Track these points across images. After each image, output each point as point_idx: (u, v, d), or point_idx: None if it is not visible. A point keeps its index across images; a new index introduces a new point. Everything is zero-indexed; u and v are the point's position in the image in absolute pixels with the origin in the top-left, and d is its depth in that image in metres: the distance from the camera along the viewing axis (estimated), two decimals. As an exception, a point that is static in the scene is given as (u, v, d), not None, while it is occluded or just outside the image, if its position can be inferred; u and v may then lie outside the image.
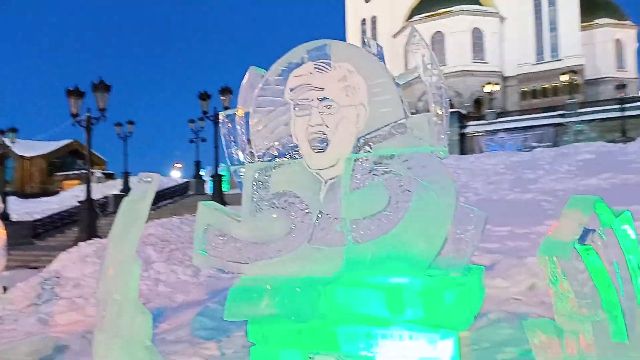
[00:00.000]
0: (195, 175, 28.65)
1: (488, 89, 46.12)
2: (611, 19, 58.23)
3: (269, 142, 3.16)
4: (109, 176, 38.22)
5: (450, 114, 3.01)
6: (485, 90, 46.37)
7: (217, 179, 17.20)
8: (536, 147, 20.81)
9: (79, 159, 43.81)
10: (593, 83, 53.91)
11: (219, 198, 16.04)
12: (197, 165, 29.02)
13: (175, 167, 48.55)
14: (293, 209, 3.04)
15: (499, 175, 14.67)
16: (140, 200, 3.37)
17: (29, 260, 14.90)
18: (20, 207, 26.06)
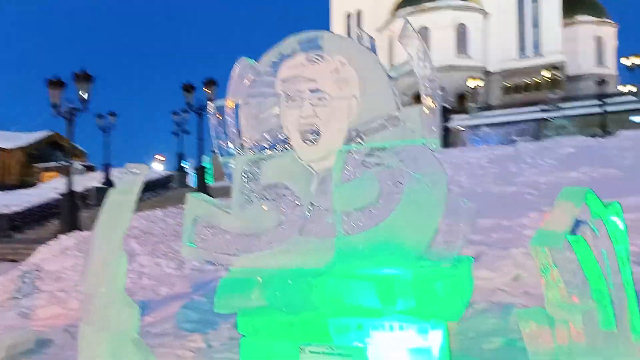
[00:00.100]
0: (178, 168, 28.39)
1: (472, 83, 46.56)
2: (592, 17, 59.13)
3: (260, 133, 3.13)
4: (89, 168, 37.60)
5: None
6: (469, 85, 46.78)
7: (200, 171, 17.07)
8: (519, 141, 21.05)
9: (59, 151, 42.98)
10: (574, 79, 54.75)
11: (203, 191, 15.89)
12: (180, 157, 28.76)
13: (157, 159, 47.93)
14: (284, 201, 3.02)
15: (483, 168, 14.81)
16: (127, 192, 3.32)
17: (7, 253, 14.62)
18: (-3, 199, 25.47)
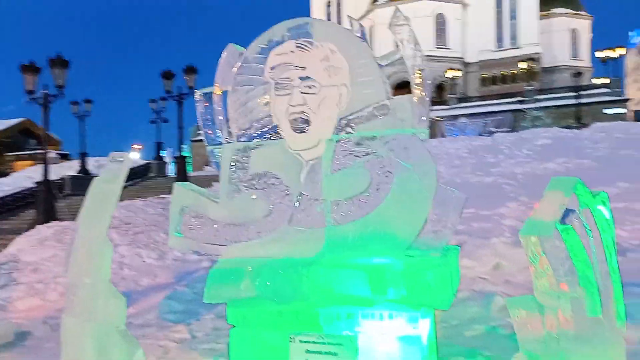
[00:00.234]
0: (156, 157, 27.94)
1: (450, 74, 46.88)
2: (567, 9, 59.99)
3: (248, 122, 3.09)
4: (64, 157, 36.72)
5: None
6: (447, 75, 47.09)
7: (180, 160, 16.80)
8: (496, 132, 21.34)
9: (32, 139, 41.86)
10: (549, 71, 55.64)
11: (184, 180, 15.68)
12: (159, 146, 28.32)
13: (134, 148, 47.14)
14: (273, 190, 3.00)
15: (462, 159, 14.96)
16: (111, 180, 3.25)
17: (-19, 244, 14.21)
18: (-32, 188, 24.71)
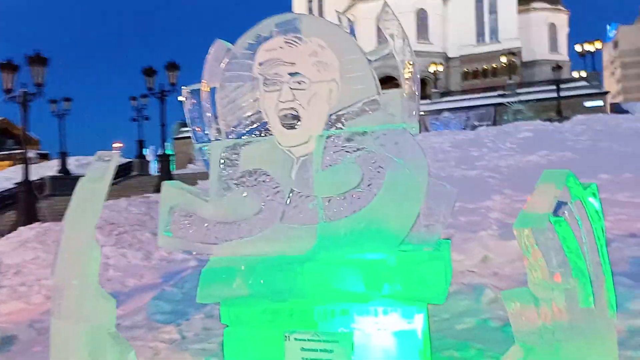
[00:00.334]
0: (138, 155, 27.65)
1: (432, 69, 47.17)
2: (546, 4, 60.81)
3: (237, 118, 3.05)
4: (43, 156, 36.09)
5: None
6: (430, 70, 47.38)
7: (164, 158, 16.59)
8: (479, 126, 21.57)
9: (9, 138, 41.00)
10: (529, 65, 56.39)
11: (168, 179, 15.52)
12: (140, 144, 28.03)
13: (114, 147, 46.59)
14: (263, 187, 2.97)
15: (446, 153, 15.08)
16: (98, 180, 3.18)
17: (-41, 247, 13.88)
18: (-56, 190, 24.10)
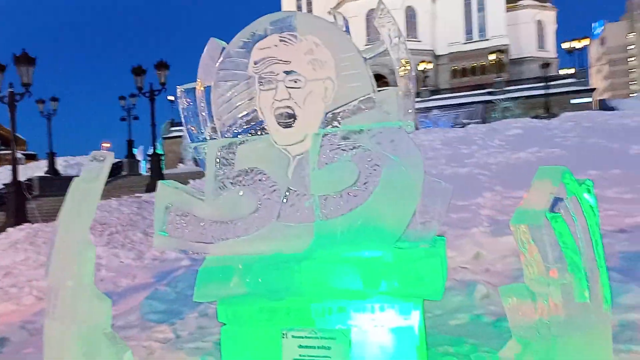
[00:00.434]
0: (128, 155, 27.42)
1: (421, 67, 47.36)
2: (533, 1, 61.31)
3: (233, 117, 3.05)
4: (31, 157, 35.70)
5: None
6: (419, 68, 47.54)
7: (155, 158, 16.45)
8: (468, 124, 21.71)
9: (-5, 139, 40.50)
10: (517, 62, 56.86)
11: (159, 178, 15.42)
12: (130, 144, 27.82)
13: (103, 146, 46.29)
14: (260, 186, 2.97)
15: (436, 150, 15.15)
16: (92, 180, 3.17)
17: (-54, 249, 13.66)
18: None
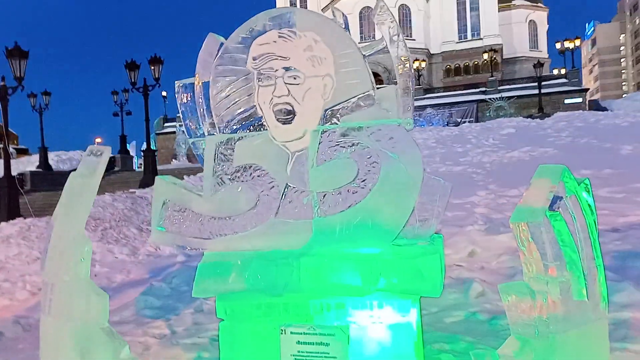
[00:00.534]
0: (121, 151, 27.27)
1: (415, 65, 47.45)
2: (525, 1, 61.57)
3: (231, 113, 3.03)
4: (23, 152, 35.40)
5: None
6: (413, 67, 47.67)
7: (150, 153, 16.33)
8: (462, 123, 21.80)
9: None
10: (510, 62, 57.15)
11: (153, 174, 15.34)
12: (123, 140, 27.66)
13: (96, 142, 46.05)
14: (258, 182, 2.96)
15: (430, 149, 15.22)
16: (89, 175, 3.14)
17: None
18: None
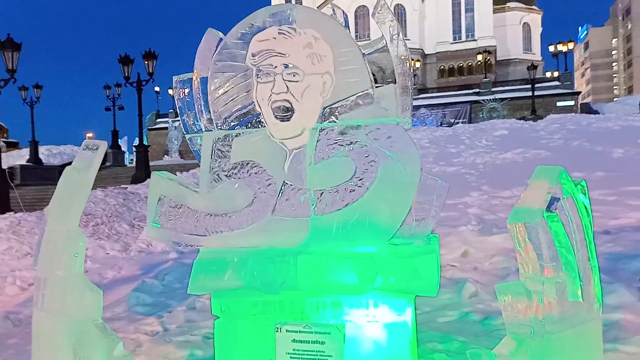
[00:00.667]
0: (113, 146, 27.10)
1: (410, 65, 47.60)
2: (520, 3, 62.00)
3: (229, 109, 3.02)
4: (13, 145, 35.05)
5: None
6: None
7: (142, 149, 16.21)
8: (455, 123, 21.90)
9: (-25, 127, 39.74)
10: (503, 63, 57.51)
11: (146, 170, 15.23)
12: (115, 135, 27.50)
13: (88, 136, 45.73)
14: (255, 179, 2.95)
15: (424, 149, 15.27)
16: (84, 169, 3.12)
17: None
18: None
